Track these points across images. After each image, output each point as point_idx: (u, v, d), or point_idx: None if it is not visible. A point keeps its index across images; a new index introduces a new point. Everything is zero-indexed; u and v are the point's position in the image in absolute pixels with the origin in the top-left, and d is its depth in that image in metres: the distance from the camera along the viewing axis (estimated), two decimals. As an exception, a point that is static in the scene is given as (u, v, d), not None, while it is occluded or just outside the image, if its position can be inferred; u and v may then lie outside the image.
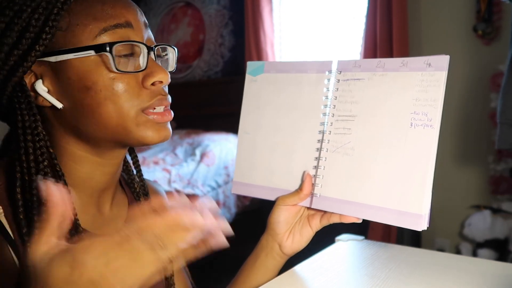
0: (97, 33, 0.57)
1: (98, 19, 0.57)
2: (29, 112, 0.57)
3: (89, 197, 0.63)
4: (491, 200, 2.37)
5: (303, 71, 0.73)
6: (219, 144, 2.63)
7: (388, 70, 0.65)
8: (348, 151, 0.67)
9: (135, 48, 0.59)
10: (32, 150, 0.56)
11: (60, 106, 0.58)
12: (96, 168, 0.62)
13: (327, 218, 0.70)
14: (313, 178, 0.70)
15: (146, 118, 0.59)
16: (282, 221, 0.72)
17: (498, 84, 2.20)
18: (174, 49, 0.66)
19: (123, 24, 0.58)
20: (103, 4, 0.58)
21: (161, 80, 0.60)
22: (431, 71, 0.62)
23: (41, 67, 0.58)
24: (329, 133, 0.69)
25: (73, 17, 0.57)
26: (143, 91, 0.59)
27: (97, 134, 0.59)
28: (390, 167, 0.64)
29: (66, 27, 0.57)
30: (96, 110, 0.57)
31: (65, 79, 0.57)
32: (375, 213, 0.64)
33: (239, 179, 0.78)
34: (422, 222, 0.61)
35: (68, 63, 0.57)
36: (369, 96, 0.66)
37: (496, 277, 0.68)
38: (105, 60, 0.57)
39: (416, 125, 0.62)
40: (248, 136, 0.77)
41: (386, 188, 0.64)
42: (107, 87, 0.57)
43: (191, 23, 3.59)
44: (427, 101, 0.62)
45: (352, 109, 0.67)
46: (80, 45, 0.56)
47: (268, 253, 0.74)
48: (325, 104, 0.70)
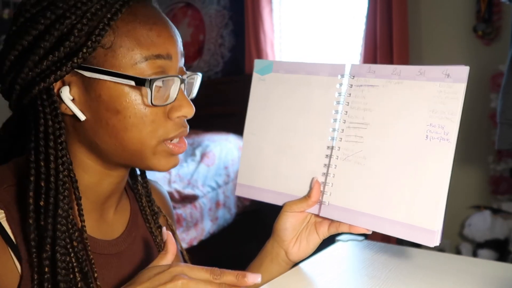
0: (138, 60, 0.56)
1: (141, 45, 0.56)
2: (54, 119, 0.56)
3: (94, 204, 0.64)
4: (491, 200, 2.37)
5: (313, 73, 0.70)
6: (219, 144, 2.63)
7: (404, 78, 0.62)
8: (359, 160, 0.65)
9: (169, 80, 0.59)
10: (53, 158, 0.55)
11: (83, 118, 0.57)
12: (103, 178, 0.63)
13: (336, 227, 0.68)
14: (322, 185, 0.68)
15: (164, 148, 0.60)
16: (289, 227, 0.70)
17: (498, 84, 2.20)
18: (199, 76, 0.67)
19: (164, 56, 0.58)
20: (149, 30, 0.57)
21: (187, 115, 0.61)
22: (450, 83, 0.59)
23: (72, 76, 0.57)
24: (340, 140, 0.67)
25: (118, 37, 0.56)
26: (168, 122, 0.60)
27: (112, 152, 0.59)
28: (403, 180, 0.61)
29: (109, 46, 0.56)
30: (120, 133, 0.57)
31: (94, 95, 0.56)
32: (386, 226, 0.62)
33: (243, 181, 0.76)
34: (434, 238, 0.59)
35: (102, 82, 0.56)
36: (383, 104, 0.64)
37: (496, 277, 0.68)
38: (142, 92, 0.57)
39: (432, 138, 0.59)
40: (254, 137, 0.75)
41: (398, 200, 0.61)
42: (136, 115, 0.57)
43: (191, 24, 3.59)
44: (444, 114, 0.59)
45: (365, 117, 0.65)
46: (119, 69, 0.56)
47: (273, 259, 0.72)
48: (336, 110, 0.68)
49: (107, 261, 0.64)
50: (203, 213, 2.30)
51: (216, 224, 2.38)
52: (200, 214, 2.27)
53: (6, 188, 0.57)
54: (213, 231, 2.34)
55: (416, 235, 0.60)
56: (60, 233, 0.54)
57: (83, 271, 0.56)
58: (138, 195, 0.73)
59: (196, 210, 2.26)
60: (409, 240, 0.61)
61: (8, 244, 0.54)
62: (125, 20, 0.56)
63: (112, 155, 0.60)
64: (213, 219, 2.37)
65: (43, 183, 0.54)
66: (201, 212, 2.28)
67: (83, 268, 0.56)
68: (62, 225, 0.54)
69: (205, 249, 2.28)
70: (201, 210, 2.29)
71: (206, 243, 2.28)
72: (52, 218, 0.54)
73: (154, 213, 0.74)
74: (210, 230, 2.33)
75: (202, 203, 2.31)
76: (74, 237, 0.56)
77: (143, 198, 0.73)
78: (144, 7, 0.59)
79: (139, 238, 0.71)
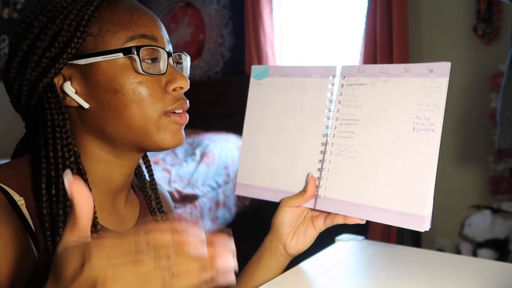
0: (125, 40, 0.61)
1: (126, 27, 0.62)
2: (58, 111, 0.60)
3: (106, 195, 0.66)
4: (491, 200, 2.37)
5: (307, 76, 0.75)
6: (219, 144, 2.63)
7: (391, 76, 0.67)
8: (352, 154, 0.68)
9: (157, 53, 0.63)
10: (60, 147, 0.59)
11: (87, 106, 0.61)
12: (114, 168, 0.65)
13: (331, 219, 0.72)
14: (317, 180, 0.71)
15: (167, 120, 0.63)
16: (286, 222, 0.73)
17: (498, 84, 2.20)
18: (187, 57, 0.71)
19: (149, 36, 0.63)
20: (131, 15, 0.63)
21: (182, 86, 0.64)
22: (433, 77, 0.64)
23: (70, 70, 0.62)
24: (333, 136, 0.70)
25: (104, 24, 0.61)
26: (165, 95, 0.63)
27: (119, 135, 0.62)
28: (393, 170, 0.65)
29: (97, 33, 0.61)
30: (122, 111, 0.61)
31: (93, 81, 0.61)
32: (378, 215, 0.65)
33: (242, 181, 0.79)
34: (424, 223, 0.62)
35: (97, 66, 0.61)
36: (372, 100, 0.68)
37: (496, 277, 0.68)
38: (132, 63, 0.61)
39: (418, 129, 0.64)
40: (252, 138, 0.79)
41: (390, 190, 0.65)
42: (133, 90, 0.61)
43: (191, 23, 3.59)
44: (429, 106, 0.63)
45: (356, 113, 0.69)
46: (109, 49, 0.61)
47: (272, 253, 0.75)
48: (329, 108, 0.72)
49: None
50: (203, 212, 2.30)
51: (216, 223, 2.38)
52: (200, 214, 2.28)
53: (24, 178, 0.60)
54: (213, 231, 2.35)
55: (408, 221, 0.63)
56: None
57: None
58: (147, 197, 0.75)
59: (196, 210, 2.26)
60: (401, 227, 0.64)
61: (27, 230, 0.57)
62: (108, 10, 0.62)
63: (119, 138, 0.63)
64: (213, 219, 2.37)
65: (53, 172, 0.58)
66: (201, 212, 2.28)
67: None
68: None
69: (205, 249, 2.28)
70: (201, 210, 2.29)
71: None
72: (63, 203, 0.57)
73: (163, 215, 0.76)
74: (210, 229, 2.33)
75: (202, 203, 2.31)
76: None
77: (152, 201, 0.75)
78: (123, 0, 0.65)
79: None
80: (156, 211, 0.75)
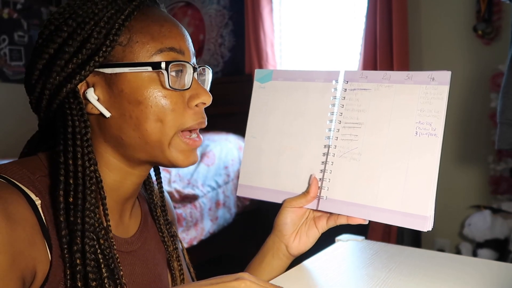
0: (153, 52, 0.61)
1: (155, 39, 0.61)
2: (80, 119, 0.60)
3: (115, 204, 0.67)
4: (491, 200, 2.37)
5: (310, 80, 0.76)
6: (219, 144, 2.63)
7: (394, 82, 0.69)
8: (355, 156, 0.70)
9: (183, 67, 0.63)
10: (80, 155, 0.59)
11: (108, 115, 0.61)
12: (125, 177, 0.66)
13: (334, 219, 0.72)
14: (320, 181, 0.72)
15: (179, 141, 0.63)
16: (289, 222, 0.74)
17: (498, 84, 2.20)
18: (210, 70, 0.71)
19: (177, 50, 0.62)
20: (161, 26, 0.62)
21: (205, 102, 0.64)
22: (435, 85, 0.66)
23: (95, 77, 0.61)
24: (336, 139, 0.72)
25: (133, 34, 0.61)
26: (187, 111, 0.63)
27: (136, 147, 0.62)
28: (396, 172, 0.67)
29: (126, 42, 0.61)
30: (143, 124, 0.61)
31: (117, 91, 0.61)
32: (381, 215, 0.67)
33: (244, 182, 0.80)
34: (427, 223, 0.64)
35: (123, 76, 0.60)
36: (375, 105, 0.70)
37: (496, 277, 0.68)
38: (160, 76, 0.61)
39: (420, 134, 0.66)
40: (255, 140, 0.80)
41: (392, 191, 0.66)
42: (157, 103, 0.61)
43: (191, 23, 3.59)
44: (431, 112, 0.66)
45: (359, 117, 0.71)
46: (137, 61, 0.60)
47: (274, 253, 0.76)
48: (332, 112, 0.73)
49: (122, 258, 0.67)
50: (203, 212, 2.30)
51: (216, 223, 2.38)
52: (200, 214, 2.28)
53: (39, 178, 0.59)
54: (213, 231, 2.35)
55: (411, 221, 0.65)
56: (88, 225, 0.57)
57: (110, 267, 0.59)
58: (153, 205, 0.76)
59: (196, 210, 2.26)
60: (404, 227, 0.65)
61: (42, 230, 0.56)
62: (138, 19, 0.62)
63: (135, 150, 0.63)
64: (213, 219, 2.37)
65: (71, 180, 0.58)
66: (201, 212, 2.28)
67: (109, 264, 0.59)
68: (90, 218, 0.58)
69: (205, 249, 2.28)
70: (201, 210, 2.29)
71: (206, 243, 2.28)
72: (81, 212, 0.57)
73: (167, 223, 0.77)
74: (210, 229, 2.33)
75: (202, 203, 2.31)
76: (100, 234, 0.59)
77: (158, 209, 0.76)
78: (154, 9, 0.64)
79: (150, 239, 0.74)
80: (161, 219, 0.75)
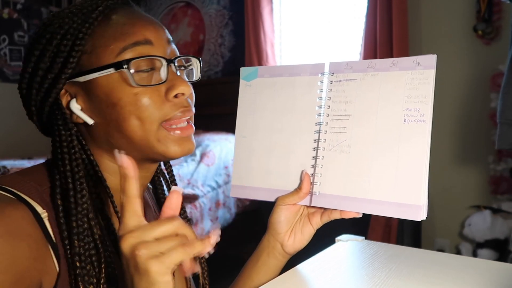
0: (118, 52, 0.60)
1: (118, 39, 0.61)
2: (65, 127, 0.62)
3: (119, 207, 0.66)
4: (491, 200, 2.37)
5: (296, 74, 0.75)
6: (219, 144, 2.63)
7: (379, 70, 0.68)
8: (344, 148, 0.69)
9: (155, 62, 0.62)
10: (68, 162, 0.60)
11: (91, 122, 0.62)
12: None
13: (328, 214, 0.72)
14: (312, 177, 0.71)
15: (166, 134, 0.62)
16: (283, 220, 0.73)
17: (498, 84, 2.20)
18: (197, 59, 0.69)
19: (142, 42, 0.61)
20: (123, 25, 0.62)
21: (183, 92, 0.62)
22: (421, 70, 0.65)
23: (74, 87, 0.63)
24: (325, 133, 0.71)
25: (96, 40, 0.61)
26: (166, 104, 0.62)
27: (125, 147, 0.62)
28: (386, 162, 0.66)
29: (91, 50, 0.61)
30: (122, 125, 0.61)
31: (94, 97, 0.62)
32: (375, 207, 0.66)
33: (237, 182, 0.79)
34: (421, 212, 0.63)
35: (95, 82, 0.61)
36: (362, 95, 0.69)
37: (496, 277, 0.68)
38: (125, 76, 0.60)
39: (409, 121, 0.65)
40: (245, 139, 0.79)
41: (384, 182, 0.66)
42: (131, 102, 0.60)
43: (191, 23, 3.59)
44: (418, 98, 0.64)
45: (347, 109, 0.70)
46: (101, 65, 0.61)
47: (270, 252, 0.75)
48: (320, 105, 0.72)
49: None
50: (203, 212, 2.30)
51: (216, 223, 2.38)
52: (200, 214, 2.28)
53: (45, 189, 0.60)
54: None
55: (404, 212, 0.64)
56: (82, 229, 0.58)
57: (111, 267, 0.60)
58: (160, 203, 0.76)
59: (196, 210, 2.26)
60: (398, 217, 0.64)
61: (49, 242, 0.57)
62: (102, 24, 0.62)
63: (127, 150, 0.61)
64: (213, 219, 2.37)
65: (65, 185, 0.59)
66: (201, 212, 2.28)
67: (109, 264, 0.59)
68: (83, 223, 0.58)
69: (205, 249, 2.27)
70: (201, 210, 2.29)
71: (206, 243, 2.28)
72: (75, 216, 0.58)
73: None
74: (210, 229, 2.33)
75: (202, 203, 2.31)
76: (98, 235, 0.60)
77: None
78: (122, 10, 0.65)
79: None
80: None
